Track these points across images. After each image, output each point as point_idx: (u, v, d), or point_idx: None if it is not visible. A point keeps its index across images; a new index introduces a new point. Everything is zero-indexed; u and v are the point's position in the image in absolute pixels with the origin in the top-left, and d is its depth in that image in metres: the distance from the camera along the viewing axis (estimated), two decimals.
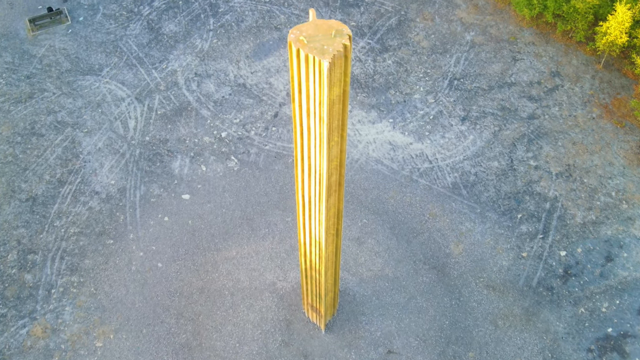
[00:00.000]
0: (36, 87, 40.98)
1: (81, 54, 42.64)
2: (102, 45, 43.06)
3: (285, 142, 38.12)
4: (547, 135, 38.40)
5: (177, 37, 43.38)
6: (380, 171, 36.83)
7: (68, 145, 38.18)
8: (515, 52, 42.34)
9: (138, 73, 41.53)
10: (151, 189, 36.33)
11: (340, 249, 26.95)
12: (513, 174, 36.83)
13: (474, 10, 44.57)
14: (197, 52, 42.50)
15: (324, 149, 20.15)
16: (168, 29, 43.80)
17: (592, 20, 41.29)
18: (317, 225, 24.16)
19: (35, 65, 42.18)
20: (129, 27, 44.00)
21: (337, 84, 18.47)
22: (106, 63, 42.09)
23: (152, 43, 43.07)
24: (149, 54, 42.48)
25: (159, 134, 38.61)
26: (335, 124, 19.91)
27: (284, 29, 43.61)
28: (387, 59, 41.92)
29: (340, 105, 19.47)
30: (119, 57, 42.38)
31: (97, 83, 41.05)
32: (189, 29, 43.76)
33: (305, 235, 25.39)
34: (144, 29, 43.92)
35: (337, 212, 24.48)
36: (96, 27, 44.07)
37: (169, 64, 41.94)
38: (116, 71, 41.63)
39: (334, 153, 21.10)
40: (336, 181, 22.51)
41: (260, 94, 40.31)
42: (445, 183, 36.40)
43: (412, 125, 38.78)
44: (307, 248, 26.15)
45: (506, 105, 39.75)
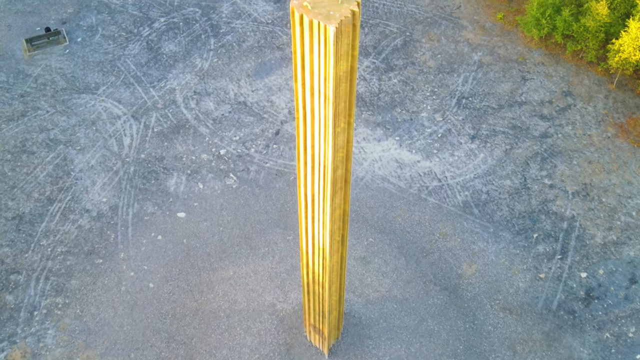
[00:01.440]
0: (29, 105, 39.57)
1: (77, 73, 41.43)
2: (100, 65, 41.89)
3: (287, 159, 36.38)
4: (562, 154, 36.64)
5: (176, 57, 42.25)
6: (386, 189, 34.93)
7: (59, 163, 36.46)
8: (525, 72, 41.05)
9: (135, 91, 40.18)
10: (145, 206, 34.38)
11: (345, 260, 24.81)
12: (527, 192, 34.89)
13: (481, 31, 43.56)
14: (196, 71, 41.26)
15: (329, 135, 18.34)
16: (168, 49, 42.72)
17: (603, 39, 40.14)
18: (320, 228, 22.12)
19: (30, 84, 40.91)
20: (127, 47, 42.94)
21: (344, 57, 16.81)
22: (103, 82, 40.81)
23: (151, 62, 41.90)
24: (147, 73, 41.23)
25: (155, 151, 36.92)
26: (341, 107, 18.17)
27: (286, 48, 42.51)
28: (393, 78, 40.61)
29: (348, 85, 17.77)
30: (116, 76, 41.13)
31: (93, 101, 39.65)
32: (189, 49, 42.68)
33: (308, 241, 23.30)
34: (143, 49, 42.84)
35: (343, 215, 22.48)
36: (94, 48, 43.02)
37: (168, 82, 40.64)
38: (113, 90, 40.30)
39: (340, 142, 19.28)
40: (342, 176, 20.61)
41: (261, 111, 38.83)
42: (455, 202, 34.43)
43: (420, 143, 37.09)
44: (310, 257, 24.02)
45: (517, 123, 38.16)
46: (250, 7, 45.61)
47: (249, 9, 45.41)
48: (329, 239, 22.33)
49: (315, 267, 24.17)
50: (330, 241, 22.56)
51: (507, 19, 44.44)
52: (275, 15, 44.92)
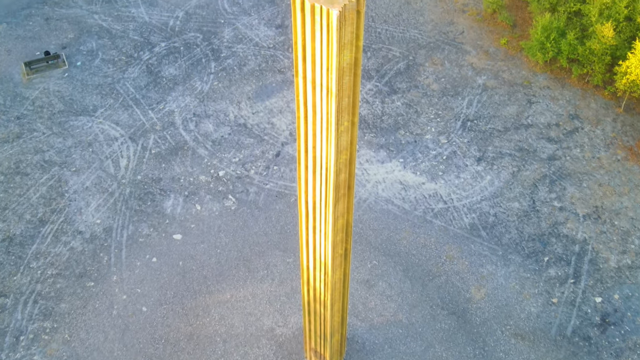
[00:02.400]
0: (25, 127, 38.77)
1: (76, 95, 40.77)
2: (98, 88, 41.26)
3: (287, 181, 35.30)
4: (571, 176, 35.55)
5: (176, 80, 41.66)
6: (390, 211, 33.72)
7: (53, 184, 35.40)
8: (530, 95, 40.32)
9: (134, 114, 39.42)
10: (140, 228, 33.14)
11: (348, 277, 23.46)
12: (536, 215, 33.65)
13: (485, 56, 43.05)
14: (196, 94, 40.59)
15: (331, 134, 17.31)
16: (167, 72, 42.17)
17: (609, 62, 39.52)
18: (322, 240, 20.87)
19: (27, 106, 40.20)
20: (127, 71, 42.40)
21: (348, 47, 15.92)
22: (101, 104, 40.11)
23: (150, 85, 41.28)
24: (146, 96, 40.56)
25: (151, 172, 35.90)
26: (345, 103, 17.19)
27: (287, 72, 41.94)
28: (396, 101, 39.86)
29: (351, 79, 16.83)
30: (114, 99, 40.45)
31: (90, 123, 38.85)
32: (189, 72, 42.13)
33: (309, 255, 22.01)
34: (142, 72, 42.29)
35: (346, 226, 21.26)
36: (94, 71, 42.49)
37: (167, 105, 39.92)
38: (111, 112, 39.56)
39: (343, 143, 18.23)
40: (345, 181, 19.49)
41: (261, 133, 37.96)
42: (462, 224, 33.17)
43: (424, 165, 36.05)
44: (311, 273, 22.68)
45: (524, 146, 37.19)
46: (252, 32, 45.29)
47: (251, 34, 45.08)
48: (331, 251, 21.06)
49: (317, 283, 22.81)
50: (333, 254, 21.28)
51: (510, 44, 44.00)
52: (277, 40, 44.55)
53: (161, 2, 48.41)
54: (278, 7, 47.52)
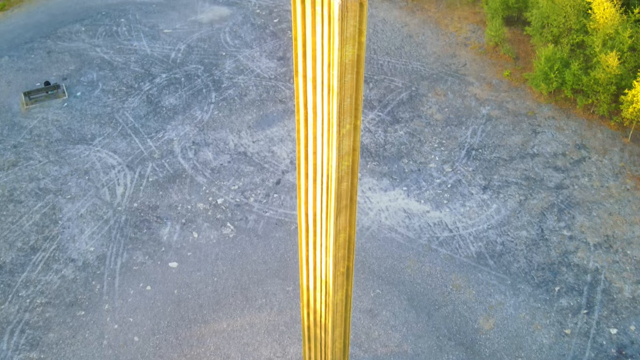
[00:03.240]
0: (22, 155, 38.08)
1: (74, 124, 40.25)
2: (97, 117, 40.77)
3: (287, 208, 34.30)
4: (580, 205, 34.52)
5: (176, 110, 41.19)
6: (394, 239, 32.58)
7: (47, 212, 34.44)
8: (535, 125, 39.69)
9: (132, 142, 38.78)
10: (134, 256, 31.99)
11: (351, 300, 22.19)
12: (545, 244, 32.48)
13: (488, 87, 42.65)
14: (196, 123, 40.03)
15: (333, 136, 16.44)
16: (168, 102, 41.75)
17: (615, 91, 39.02)
18: (323, 256, 19.74)
19: (25, 135, 39.63)
20: (127, 101, 42.01)
21: (350, 42, 15.23)
22: (99, 133, 39.52)
23: (150, 115, 40.79)
24: (145, 125, 40.02)
25: (148, 200, 34.97)
26: (347, 104, 16.39)
27: (289, 102, 41.49)
28: (399, 130, 39.23)
29: (354, 77, 16.08)
30: (113, 128, 39.89)
31: (87, 152, 38.17)
32: (189, 102, 41.70)
33: (309, 273, 20.83)
34: (142, 102, 41.89)
35: (349, 242, 20.15)
36: (93, 101, 42.11)
37: (166, 133, 39.31)
38: (109, 140, 38.93)
39: (345, 148, 17.34)
40: (347, 191, 18.51)
41: (261, 161, 37.18)
42: (468, 253, 31.97)
43: (429, 194, 35.09)
44: (312, 294, 21.43)
45: (530, 175, 36.30)
46: (253, 63, 45.11)
47: (252, 66, 44.88)
48: (332, 268, 19.89)
49: (318, 305, 21.54)
50: (334, 272, 20.11)
51: (514, 76, 43.66)
52: (279, 72, 44.30)
53: (163, 35, 48.48)
54: (280, 40, 47.51)
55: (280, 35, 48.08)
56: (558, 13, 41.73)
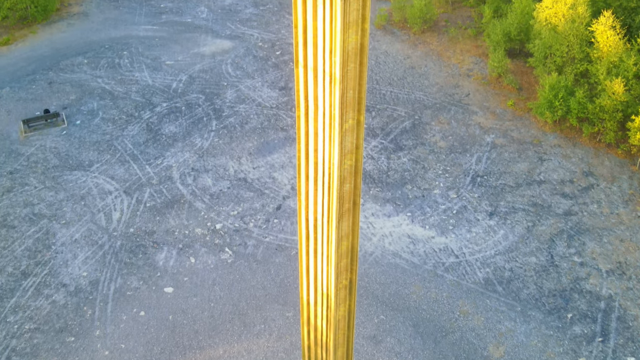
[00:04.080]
0: (17, 181, 37.32)
1: (72, 151, 39.64)
2: (96, 144, 40.21)
3: (288, 234, 33.26)
4: (589, 231, 33.45)
5: (176, 137, 40.64)
6: (398, 265, 31.41)
7: (40, 237, 33.44)
8: (541, 153, 38.97)
9: (130, 168, 38.06)
10: (129, 281, 30.80)
11: (354, 317, 20.96)
12: (555, 270, 31.27)
13: (492, 116, 42.16)
14: (196, 150, 39.40)
15: (335, 131, 15.65)
16: (167, 130, 41.25)
17: (621, 119, 38.46)
18: (325, 266, 18.67)
19: (22, 162, 38.99)
20: (126, 129, 41.52)
21: (353, 28, 14.62)
22: (97, 159, 38.87)
23: (149, 142, 40.22)
24: (144, 152, 39.39)
25: (145, 225, 33.98)
26: (350, 96, 15.66)
27: (290, 129, 40.96)
28: (402, 157, 38.51)
29: (357, 67, 15.41)
30: (111, 155, 39.26)
31: (85, 177, 37.43)
32: (189, 130, 41.19)
33: (309, 285, 19.70)
34: (142, 130, 41.39)
35: (351, 252, 19.11)
36: (92, 129, 41.63)
37: (165, 160, 38.63)
38: (107, 167, 38.23)
39: (348, 145, 16.53)
40: (350, 194, 17.60)
41: (262, 187, 36.35)
42: (476, 278, 30.74)
43: (434, 219, 34.08)
44: (312, 309, 20.24)
45: (538, 201, 35.35)
46: (255, 93, 44.84)
47: (254, 95, 44.59)
48: (334, 280, 18.79)
49: (319, 321, 20.31)
50: (336, 284, 19.00)
51: (517, 106, 43.23)
52: (280, 101, 43.96)
53: (165, 67, 48.45)
54: (282, 71, 47.39)
55: (282, 67, 47.99)
56: (561, 43, 41.60)
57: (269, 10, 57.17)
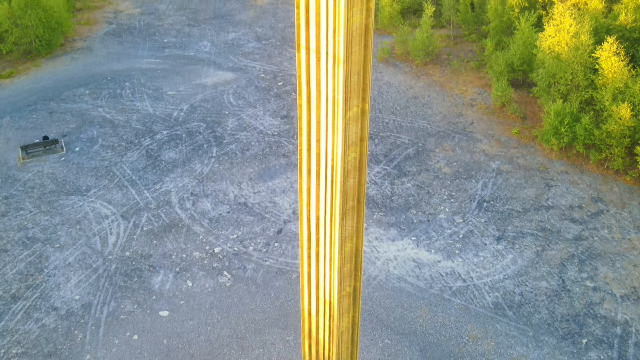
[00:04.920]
0: (12, 206, 36.46)
1: (70, 177, 38.92)
2: (94, 170, 39.51)
3: (289, 258, 32.14)
4: (602, 256, 32.29)
5: (176, 163, 39.96)
6: (404, 289, 30.17)
7: (33, 261, 32.35)
8: (549, 179, 38.14)
9: (128, 193, 37.24)
10: (123, 305, 29.55)
11: (358, 330, 19.75)
12: (568, 295, 29.98)
13: (497, 144, 41.54)
14: (196, 175, 38.65)
15: (338, 118, 14.91)
16: (167, 157, 40.61)
17: (629, 144, 37.78)
18: (327, 270, 17.63)
19: (18, 188, 38.22)
20: (126, 155, 40.90)
21: (358, 6, 14.06)
22: (95, 185, 38.09)
23: (149, 168, 39.52)
24: (143, 177, 38.64)
25: (142, 249, 32.92)
26: (355, 81, 14.98)
27: (292, 156, 40.30)
28: (407, 183, 37.69)
29: (362, 50, 14.79)
30: (110, 180, 38.50)
31: (82, 202, 36.57)
32: (189, 157, 40.55)
33: (311, 294, 18.59)
34: (142, 156, 40.77)
35: (356, 255, 18.08)
36: (92, 156, 41.02)
37: (164, 185, 37.84)
38: (105, 192, 37.42)
39: (352, 136, 15.76)
40: (355, 190, 16.71)
41: (262, 212, 35.41)
42: (485, 303, 29.44)
43: (440, 244, 32.99)
44: (313, 320, 19.06)
45: (547, 226, 34.31)
46: (257, 121, 44.41)
47: (255, 123, 44.16)
48: (337, 286, 17.71)
49: (321, 333, 19.10)
50: (340, 291, 17.90)
51: (523, 134, 42.66)
52: (282, 129, 43.48)
53: (167, 97, 48.25)
54: (284, 101, 47.13)
55: (285, 97, 47.75)
56: (565, 70, 41.33)
57: (272, 45, 57.46)
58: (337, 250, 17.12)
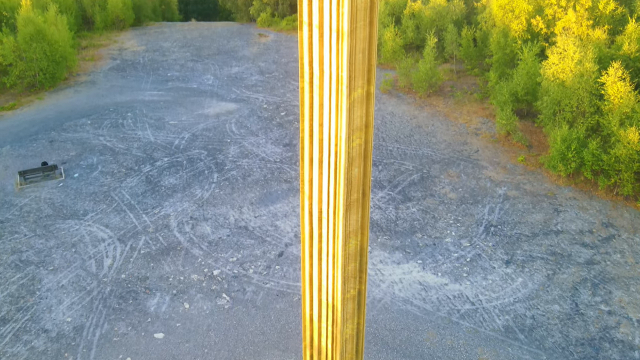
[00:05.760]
0: (7, 230, 35.55)
1: (67, 202, 38.12)
2: (92, 195, 38.75)
3: (290, 280, 30.98)
4: (615, 280, 31.08)
5: (175, 188, 39.21)
6: (410, 312, 28.89)
7: (25, 283, 31.24)
8: (557, 204, 37.22)
9: (126, 217, 36.35)
10: (116, 327, 28.27)
11: (363, 339, 18.54)
12: (581, 318, 28.66)
13: (503, 171, 40.81)
14: (195, 200, 37.83)
15: (342, 102, 14.23)
16: (167, 182, 39.89)
17: (638, 169, 36.98)
18: (330, 269, 16.61)
19: (14, 212, 37.40)
20: (125, 181, 40.20)
21: None
22: (92, 209, 37.25)
23: (148, 193, 38.76)
24: (142, 202, 37.83)
25: (138, 271, 31.82)
26: (359, 60, 14.36)
27: (294, 181, 39.54)
28: (411, 207, 36.78)
29: (367, 26, 14.20)
30: (107, 204, 37.68)
31: (78, 226, 35.66)
32: (189, 182, 39.83)
33: (312, 297, 17.50)
34: (141, 182, 40.06)
35: (360, 253, 17.09)
36: (90, 181, 40.34)
37: (163, 209, 36.99)
38: (102, 216, 36.55)
39: (357, 120, 15.03)
40: (359, 180, 15.88)
41: (263, 235, 34.42)
42: (494, 326, 28.11)
43: (446, 267, 31.85)
44: (315, 326, 17.91)
45: (557, 250, 33.21)
46: (259, 149, 43.87)
47: (257, 151, 43.60)
48: (340, 287, 16.66)
49: (323, 340, 17.91)
50: (343, 292, 16.84)
51: (528, 161, 41.97)
52: (284, 156, 42.89)
53: (168, 126, 47.93)
54: (286, 130, 46.72)
55: (287, 126, 47.37)
56: (570, 97, 40.95)
57: (275, 78, 57.53)
58: (340, 247, 16.15)
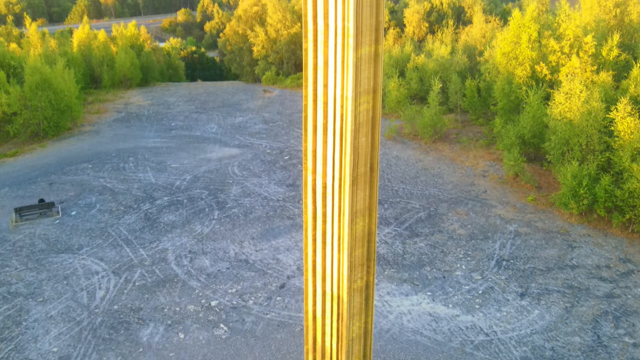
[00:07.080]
0: None
1: (62, 237, 36.85)
2: (89, 231, 37.49)
3: (292, 311, 29.20)
4: (638, 313, 29.19)
5: (174, 224, 37.97)
6: (419, 342, 26.95)
7: (12, 314, 29.55)
8: (570, 241, 35.74)
9: (122, 251, 34.95)
10: (105, 356, 26.37)
11: (371, 340, 16.87)
12: (605, 350, 26.65)
13: (513, 209, 39.55)
14: (195, 235, 36.51)
15: (348, 61, 13.39)
16: (166, 219, 38.70)
17: None
18: (335, 254, 15.25)
19: (6, 247, 36.09)
20: (123, 218, 39.04)
21: None
22: (88, 244, 35.92)
23: (146, 229, 37.50)
24: (139, 237, 36.51)
25: (132, 303, 30.13)
26: (366, 15, 13.62)
27: (297, 218, 38.29)
28: (419, 242, 35.33)
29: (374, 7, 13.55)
30: (104, 239, 36.37)
31: (71, 259, 34.24)
32: (189, 219, 38.62)
33: (316, 289, 16.01)
34: (139, 218, 38.88)
35: (368, 238, 15.76)
36: (87, 219, 39.18)
37: (161, 244, 35.62)
38: (97, 250, 35.17)
39: (364, 82, 14.13)
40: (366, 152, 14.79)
41: (264, 268, 32.87)
42: (511, 357, 26.10)
43: (457, 298, 30.08)
44: (318, 323, 16.30)
45: (574, 284, 31.49)
46: (261, 189, 42.89)
47: (260, 190, 42.61)
48: (346, 275, 15.25)
49: (327, 340, 16.26)
50: (349, 282, 15.41)
51: (539, 201, 40.77)
52: (287, 195, 41.83)
53: (170, 169, 47.21)
54: (290, 172, 45.89)
55: (290, 169, 46.57)
56: (579, 135, 40.24)
57: (279, 126, 57.32)
58: (346, 227, 14.88)
